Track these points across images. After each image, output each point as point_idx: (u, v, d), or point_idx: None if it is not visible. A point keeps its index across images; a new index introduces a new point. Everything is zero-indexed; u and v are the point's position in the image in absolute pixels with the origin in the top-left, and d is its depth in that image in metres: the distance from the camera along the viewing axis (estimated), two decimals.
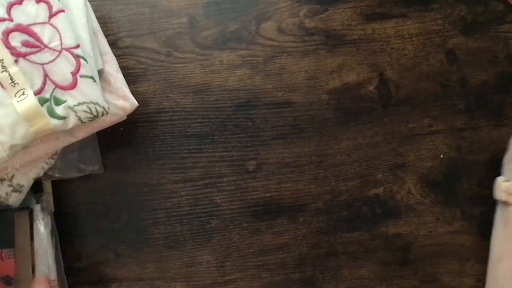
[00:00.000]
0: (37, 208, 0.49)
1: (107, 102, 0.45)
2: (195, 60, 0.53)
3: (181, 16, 0.53)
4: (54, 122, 0.42)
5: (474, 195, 0.53)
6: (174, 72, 0.53)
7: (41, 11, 0.43)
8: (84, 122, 0.44)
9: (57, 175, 0.50)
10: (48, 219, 0.49)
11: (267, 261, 0.53)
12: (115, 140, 0.53)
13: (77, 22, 0.45)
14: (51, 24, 0.43)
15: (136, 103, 0.48)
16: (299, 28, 0.54)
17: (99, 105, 0.44)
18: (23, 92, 0.41)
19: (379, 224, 0.53)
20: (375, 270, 0.53)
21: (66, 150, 0.50)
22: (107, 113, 0.45)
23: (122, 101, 0.47)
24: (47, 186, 0.51)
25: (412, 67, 0.54)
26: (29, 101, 0.41)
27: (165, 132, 0.53)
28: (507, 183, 0.48)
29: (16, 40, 0.41)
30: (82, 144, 0.48)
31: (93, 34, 0.47)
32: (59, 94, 0.42)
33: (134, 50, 0.53)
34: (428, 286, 0.52)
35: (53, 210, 0.51)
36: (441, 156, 0.53)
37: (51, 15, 0.43)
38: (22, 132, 0.41)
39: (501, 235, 0.48)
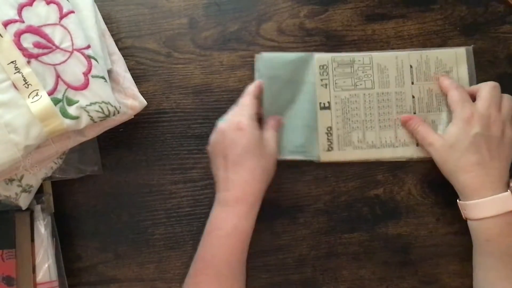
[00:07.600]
0: (37, 209, 0.50)
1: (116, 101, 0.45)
2: (195, 61, 0.53)
3: (181, 17, 0.53)
4: (67, 122, 0.42)
5: None
6: (174, 73, 0.53)
7: (51, 12, 0.43)
8: (96, 122, 0.44)
9: (57, 175, 0.50)
10: (49, 219, 0.50)
11: (267, 262, 0.53)
12: (115, 140, 0.53)
13: (87, 23, 0.45)
14: (62, 25, 0.43)
15: (145, 102, 0.49)
16: (299, 28, 0.54)
17: (111, 105, 0.44)
18: (37, 93, 0.41)
19: (379, 224, 0.53)
20: (375, 270, 0.53)
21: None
22: (118, 112, 0.45)
23: (131, 100, 0.48)
24: (47, 187, 0.51)
25: None
26: (44, 101, 0.41)
27: (165, 133, 0.53)
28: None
29: (28, 41, 0.42)
30: (82, 145, 0.48)
31: (101, 35, 0.47)
32: (71, 94, 0.43)
33: (134, 51, 0.53)
34: (428, 287, 0.52)
35: (53, 210, 0.51)
36: None
37: (62, 16, 0.43)
38: (36, 133, 0.41)
39: (475, 249, 0.48)
